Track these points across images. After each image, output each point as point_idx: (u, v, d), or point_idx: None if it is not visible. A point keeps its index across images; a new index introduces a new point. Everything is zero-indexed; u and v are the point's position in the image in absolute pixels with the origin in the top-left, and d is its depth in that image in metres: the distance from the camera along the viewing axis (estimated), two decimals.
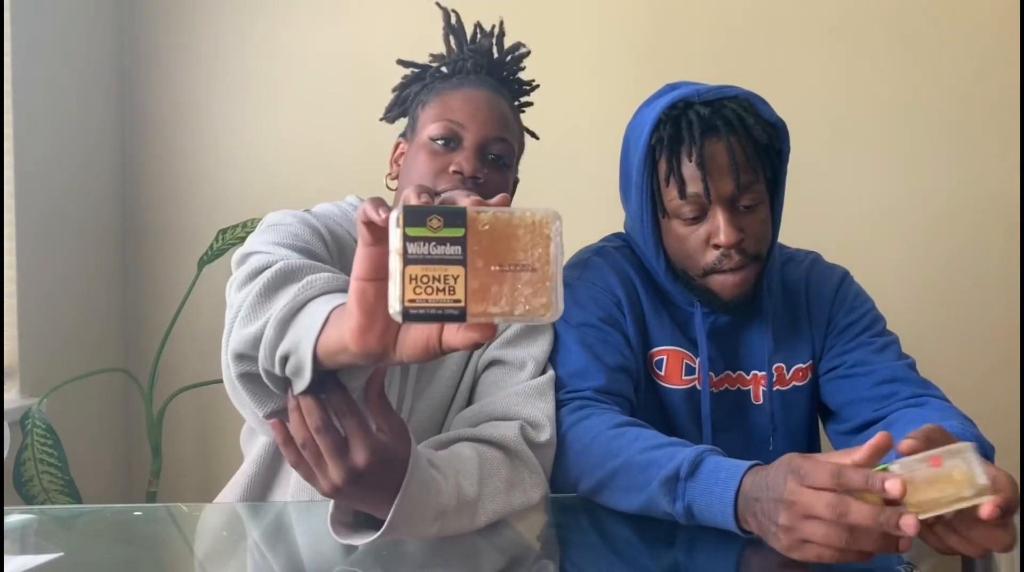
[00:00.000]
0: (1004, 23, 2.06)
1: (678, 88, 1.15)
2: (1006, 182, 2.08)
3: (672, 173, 1.10)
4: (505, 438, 0.98)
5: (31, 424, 1.65)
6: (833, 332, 1.22)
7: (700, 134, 1.08)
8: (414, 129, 1.16)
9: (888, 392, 1.13)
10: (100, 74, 2.13)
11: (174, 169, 2.21)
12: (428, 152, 1.11)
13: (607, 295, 1.19)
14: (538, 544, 1.00)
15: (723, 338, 1.20)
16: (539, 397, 1.06)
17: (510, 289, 0.56)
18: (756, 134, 1.10)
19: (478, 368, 1.13)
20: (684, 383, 1.19)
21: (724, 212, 1.10)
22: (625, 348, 1.16)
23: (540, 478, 1.01)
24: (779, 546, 0.81)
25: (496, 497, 0.93)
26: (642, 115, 1.17)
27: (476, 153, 1.10)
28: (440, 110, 1.13)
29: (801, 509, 0.78)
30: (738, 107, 1.10)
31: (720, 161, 1.09)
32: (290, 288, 0.79)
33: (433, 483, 0.83)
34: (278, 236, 0.97)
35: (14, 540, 0.96)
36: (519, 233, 0.57)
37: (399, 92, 1.24)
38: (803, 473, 0.78)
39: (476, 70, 1.19)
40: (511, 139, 1.15)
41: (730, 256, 1.11)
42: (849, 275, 1.27)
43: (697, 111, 1.10)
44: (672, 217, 1.13)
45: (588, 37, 2.14)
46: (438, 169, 1.09)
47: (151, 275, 2.21)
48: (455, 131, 1.11)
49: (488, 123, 1.12)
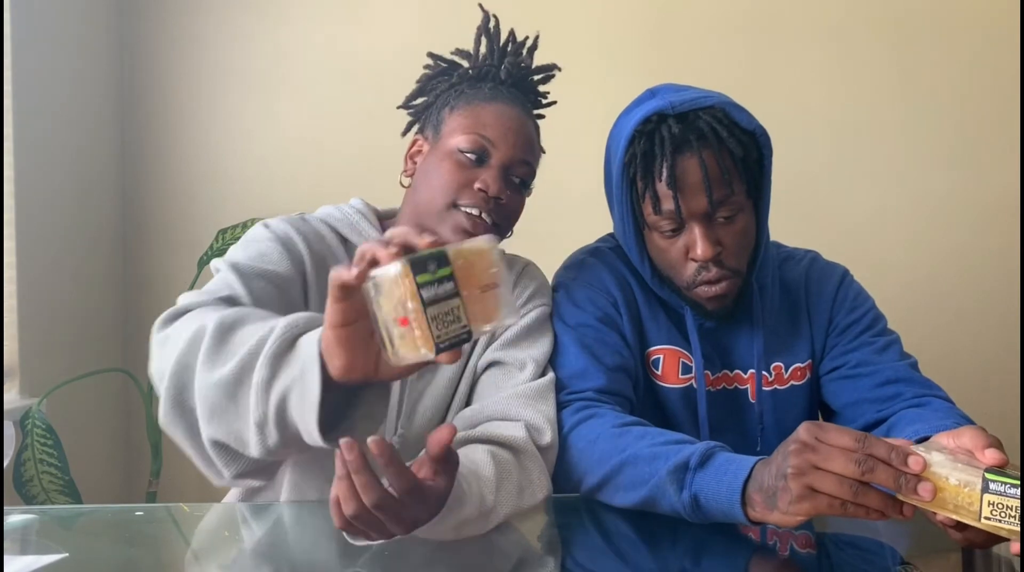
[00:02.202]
0: (1004, 23, 2.06)
1: (656, 95, 1.13)
2: (1006, 182, 2.08)
3: (647, 189, 1.09)
4: (516, 439, 0.98)
5: (31, 424, 1.66)
6: (834, 332, 1.22)
7: (671, 151, 1.07)
8: (438, 131, 1.14)
9: (892, 393, 1.12)
10: (100, 74, 2.13)
11: (174, 169, 2.21)
12: (454, 163, 1.10)
13: (603, 295, 1.19)
14: (539, 544, 1.00)
15: (716, 338, 1.21)
16: (540, 400, 1.06)
17: (492, 305, 0.68)
18: (731, 146, 1.07)
19: (477, 369, 1.13)
20: (681, 382, 1.19)
21: (700, 226, 1.09)
22: (623, 347, 1.16)
23: (546, 478, 1.01)
24: (784, 501, 0.80)
25: (509, 500, 0.93)
26: (619, 126, 1.15)
27: (502, 173, 1.10)
28: (472, 122, 1.11)
29: (816, 458, 0.78)
30: (712, 119, 1.08)
31: (692, 178, 1.07)
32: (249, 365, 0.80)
33: (458, 497, 0.84)
34: (246, 255, 1.01)
35: (15, 540, 0.96)
36: (480, 260, 0.68)
37: (423, 84, 1.21)
38: (823, 428, 0.80)
39: (507, 79, 1.17)
40: (534, 162, 1.15)
41: (708, 268, 1.11)
42: (849, 274, 1.27)
43: (669, 126, 1.08)
44: (652, 229, 1.13)
45: (589, 36, 2.14)
46: (463, 183, 1.09)
47: (151, 275, 2.21)
48: (485, 147, 1.10)
49: (517, 145, 1.11)
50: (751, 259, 1.16)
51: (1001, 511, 0.72)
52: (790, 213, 1.19)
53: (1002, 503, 0.72)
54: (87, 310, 2.05)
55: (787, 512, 0.80)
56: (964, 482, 0.74)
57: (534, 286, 1.19)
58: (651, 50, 2.13)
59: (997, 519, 0.72)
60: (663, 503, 0.93)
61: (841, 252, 1.36)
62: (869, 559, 0.93)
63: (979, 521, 0.73)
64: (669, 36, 2.14)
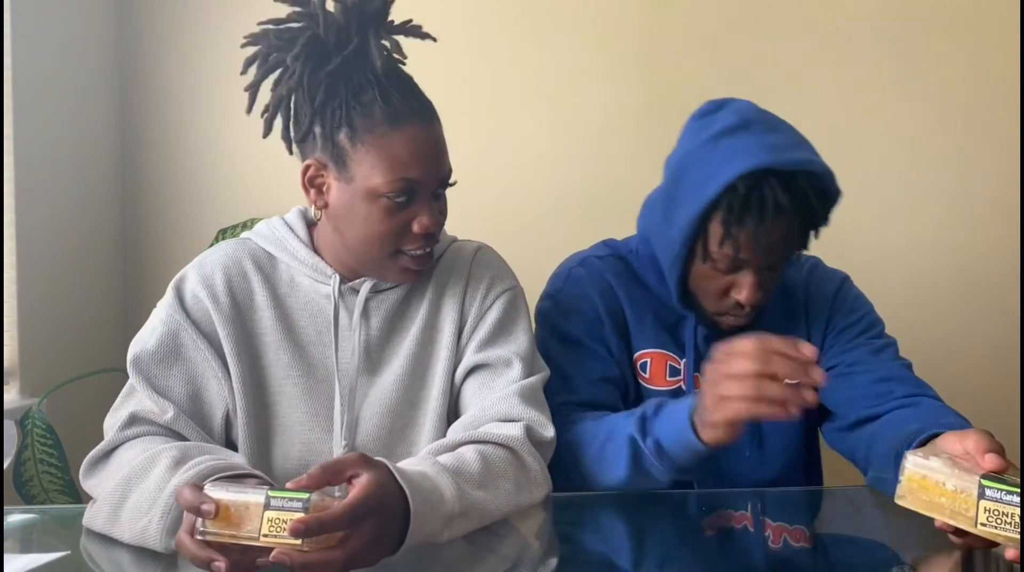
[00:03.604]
0: (1004, 22, 2.06)
1: (750, 129, 1.08)
2: (1006, 182, 2.07)
3: (727, 237, 1.08)
4: (511, 438, 0.98)
5: (31, 424, 1.66)
6: (831, 333, 1.23)
7: (772, 214, 1.05)
8: (343, 163, 1.01)
9: (883, 390, 1.14)
10: (101, 74, 2.13)
11: (174, 169, 2.21)
12: (383, 211, 1.01)
13: (588, 307, 1.21)
14: (539, 544, 1.00)
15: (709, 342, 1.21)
16: (540, 395, 1.08)
17: None
18: (818, 214, 1.09)
19: (456, 381, 1.11)
20: (669, 384, 1.21)
21: (754, 275, 1.11)
22: (607, 358, 1.19)
23: (545, 475, 1.01)
24: (707, 414, 0.93)
25: (507, 498, 0.94)
26: (710, 162, 1.09)
27: (433, 202, 1.04)
28: (386, 162, 0.99)
29: (722, 367, 0.91)
30: (810, 187, 1.06)
31: (777, 235, 1.08)
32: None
33: (435, 494, 0.84)
34: (155, 359, 1.06)
35: (15, 540, 0.96)
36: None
37: (260, 64, 1.06)
38: (730, 346, 0.92)
39: (361, 30, 1.00)
40: (449, 163, 1.07)
41: (744, 307, 1.14)
42: (849, 279, 1.29)
43: (774, 190, 1.05)
44: (706, 260, 1.13)
45: (589, 36, 2.14)
46: (400, 229, 1.03)
47: (151, 275, 2.21)
48: (411, 187, 1.01)
49: (439, 167, 1.04)
50: None
51: (997, 517, 0.73)
52: None
53: (998, 509, 0.73)
54: (87, 310, 2.05)
55: (711, 423, 0.92)
56: (960, 488, 0.75)
57: (489, 275, 1.14)
58: (652, 50, 2.13)
59: (993, 525, 0.73)
60: (643, 462, 1.01)
61: (840, 252, 1.37)
62: (868, 559, 0.94)
63: (976, 527, 0.74)
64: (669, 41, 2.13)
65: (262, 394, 1.08)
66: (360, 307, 1.08)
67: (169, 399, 1.02)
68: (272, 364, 1.08)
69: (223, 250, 1.13)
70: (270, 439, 1.07)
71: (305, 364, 1.08)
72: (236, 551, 0.75)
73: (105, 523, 0.91)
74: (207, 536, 0.74)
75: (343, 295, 1.09)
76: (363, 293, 1.09)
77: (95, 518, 0.93)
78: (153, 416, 1.01)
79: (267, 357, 1.08)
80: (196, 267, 1.11)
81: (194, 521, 0.75)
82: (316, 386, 1.08)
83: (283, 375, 1.08)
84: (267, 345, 1.08)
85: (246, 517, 0.73)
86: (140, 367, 1.05)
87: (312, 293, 1.10)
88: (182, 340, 1.06)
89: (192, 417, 1.03)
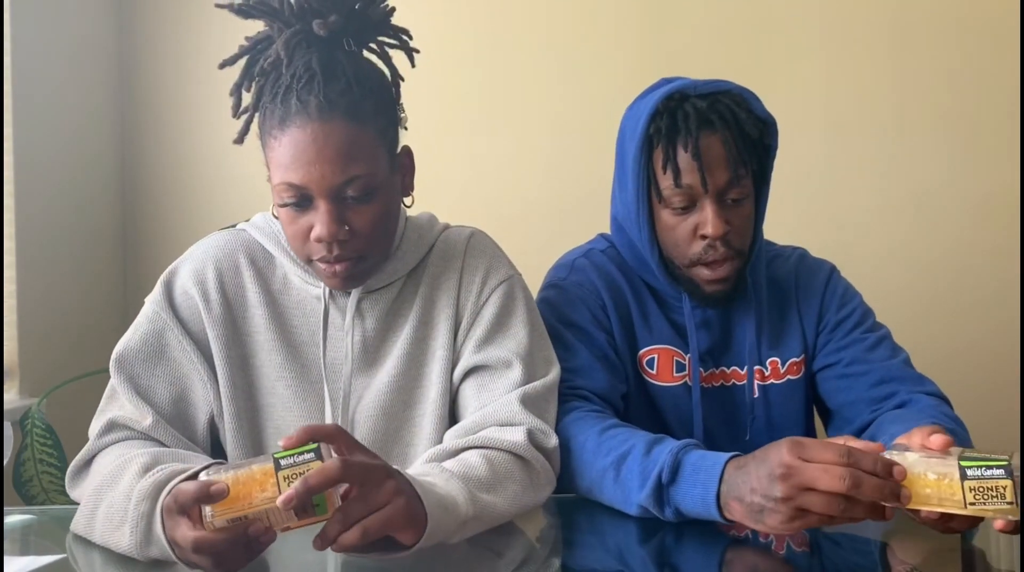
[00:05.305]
0: (1003, 21, 2.05)
1: (673, 82, 1.17)
2: (1006, 181, 2.07)
3: (668, 162, 1.12)
4: (513, 443, 0.97)
5: (31, 424, 1.66)
6: (825, 329, 1.23)
7: (696, 126, 1.10)
8: (266, 159, 0.99)
9: (886, 393, 1.15)
10: (101, 74, 2.13)
11: (174, 169, 2.20)
12: (286, 214, 0.98)
13: (593, 297, 1.21)
14: (540, 544, 1.00)
15: (712, 331, 1.22)
16: (543, 402, 1.04)
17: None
18: (748, 129, 1.12)
19: (454, 383, 1.08)
20: (676, 380, 1.21)
21: (713, 204, 1.12)
22: (610, 350, 1.19)
23: (550, 476, 1.01)
24: (773, 520, 0.82)
25: (515, 499, 0.94)
26: (638, 106, 1.18)
27: (331, 209, 0.95)
28: (274, 164, 0.96)
29: (804, 480, 0.79)
30: (731, 102, 1.13)
31: (714, 153, 1.11)
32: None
33: (447, 498, 0.84)
34: (139, 358, 1.03)
35: (14, 540, 0.96)
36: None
37: (247, 63, 1.06)
38: (805, 446, 0.81)
39: (333, 31, 0.96)
40: (366, 165, 0.95)
41: (715, 247, 1.13)
42: (836, 270, 1.29)
43: (693, 104, 1.12)
44: (665, 205, 1.15)
45: (589, 37, 2.13)
46: (302, 236, 0.98)
47: (151, 275, 2.19)
48: (301, 192, 0.95)
49: (330, 173, 0.93)
50: (749, 248, 1.18)
51: (983, 494, 0.75)
52: (787, 209, 1.20)
53: (983, 486, 0.75)
54: (87, 310, 2.05)
55: (777, 530, 0.83)
56: (942, 475, 0.77)
57: (484, 265, 1.09)
58: (651, 50, 2.13)
59: (982, 503, 0.75)
60: (653, 513, 0.95)
61: (838, 248, 1.37)
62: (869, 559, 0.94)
63: (965, 508, 0.76)
64: (665, 37, 2.13)
65: (254, 396, 1.05)
66: (352, 308, 1.05)
67: (151, 401, 1.00)
68: (264, 364, 1.05)
69: (216, 242, 1.10)
70: (263, 442, 1.05)
71: (299, 365, 1.05)
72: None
73: (84, 531, 0.91)
74: (218, 520, 0.71)
75: (334, 297, 1.07)
76: (354, 294, 1.05)
77: (76, 525, 0.93)
78: (132, 423, 0.99)
79: (259, 357, 1.05)
80: (187, 261, 1.09)
81: (199, 515, 0.73)
82: (310, 388, 1.05)
83: (276, 376, 1.05)
84: (259, 345, 1.05)
85: (256, 487, 0.71)
86: (123, 366, 1.01)
87: (304, 293, 1.07)
88: (167, 340, 1.03)
89: (175, 420, 1.01)
